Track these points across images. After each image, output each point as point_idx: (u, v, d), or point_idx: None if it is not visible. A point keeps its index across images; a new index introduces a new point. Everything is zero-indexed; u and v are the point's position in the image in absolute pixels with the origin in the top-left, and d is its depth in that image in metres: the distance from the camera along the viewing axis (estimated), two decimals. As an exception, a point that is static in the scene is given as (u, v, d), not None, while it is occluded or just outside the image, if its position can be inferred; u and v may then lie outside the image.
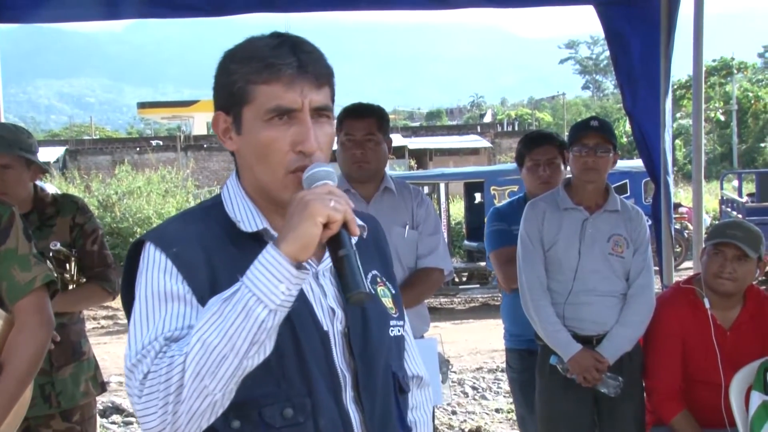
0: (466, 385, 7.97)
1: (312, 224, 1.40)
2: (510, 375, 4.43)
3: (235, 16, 4.29)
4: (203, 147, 35.37)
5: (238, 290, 1.39)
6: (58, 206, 3.52)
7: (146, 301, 1.49)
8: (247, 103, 1.57)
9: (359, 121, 3.52)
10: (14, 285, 2.43)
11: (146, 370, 1.39)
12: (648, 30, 4.23)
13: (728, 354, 3.47)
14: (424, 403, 1.90)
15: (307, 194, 1.45)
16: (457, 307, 13.95)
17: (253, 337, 1.38)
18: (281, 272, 1.39)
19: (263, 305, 1.38)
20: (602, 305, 3.59)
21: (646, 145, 4.35)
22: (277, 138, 1.54)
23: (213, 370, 1.36)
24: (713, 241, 3.50)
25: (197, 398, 1.37)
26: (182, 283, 1.50)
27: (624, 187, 14.70)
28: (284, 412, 1.53)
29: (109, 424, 6.95)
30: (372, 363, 1.66)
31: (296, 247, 1.41)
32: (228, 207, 1.64)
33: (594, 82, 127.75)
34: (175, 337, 1.44)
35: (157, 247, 1.53)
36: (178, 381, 1.36)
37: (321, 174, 1.51)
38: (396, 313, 1.76)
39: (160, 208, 18.93)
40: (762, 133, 48.69)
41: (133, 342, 1.45)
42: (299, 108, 1.55)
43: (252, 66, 1.55)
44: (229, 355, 1.37)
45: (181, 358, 1.36)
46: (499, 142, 39.68)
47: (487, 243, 4.36)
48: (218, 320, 1.37)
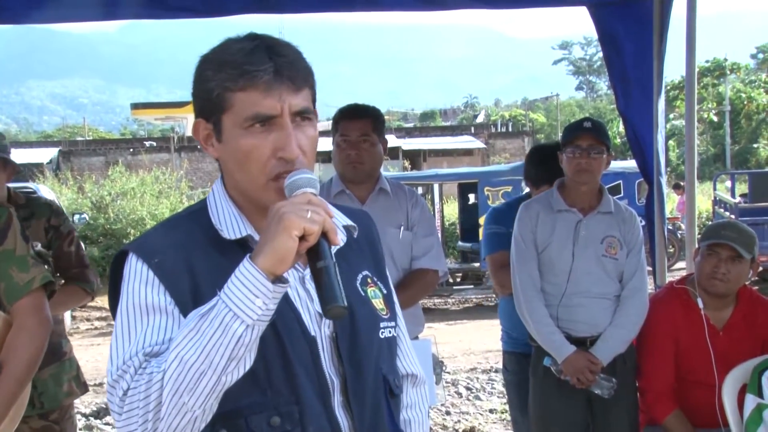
0: (460, 385, 7.98)
1: (287, 237, 1.37)
2: (506, 377, 4.41)
3: (229, 17, 4.29)
4: (197, 148, 35.27)
5: (215, 305, 1.37)
6: (32, 208, 3.50)
7: (127, 315, 1.47)
8: (225, 110, 1.53)
9: (354, 122, 3.52)
10: (13, 286, 2.44)
11: (126, 386, 1.39)
12: (641, 31, 4.24)
13: (721, 354, 3.48)
14: (419, 402, 1.87)
15: (282, 206, 1.41)
16: (451, 308, 13.96)
17: (231, 353, 1.36)
18: (257, 287, 1.37)
19: (240, 321, 1.36)
20: (596, 307, 3.60)
21: (640, 146, 4.36)
22: (257, 145, 1.51)
23: (191, 387, 1.35)
24: (707, 242, 3.51)
25: (176, 415, 1.36)
26: (164, 294, 1.48)
27: (617, 188, 14.74)
28: (271, 421, 1.51)
29: (102, 425, 6.94)
30: (361, 367, 1.64)
31: (272, 261, 1.38)
32: (212, 213, 1.62)
33: (587, 82, 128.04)
34: (155, 353, 1.42)
35: (138, 257, 1.51)
36: (156, 398, 1.35)
37: (302, 181, 1.48)
38: (387, 314, 1.73)
39: (154, 209, 18.89)
40: (755, 134, 48.83)
41: (115, 357, 1.44)
42: (278, 114, 1.51)
43: (227, 73, 1.52)
44: (207, 371, 1.35)
45: (159, 375, 1.35)
46: (492, 142, 39.70)
47: (483, 245, 4.35)
48: (195, 336, 1.36)
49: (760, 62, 70.17)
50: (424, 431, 1.86)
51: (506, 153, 37.97)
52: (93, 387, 8.38)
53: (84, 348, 10.68)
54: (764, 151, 48.06)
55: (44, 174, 25.45)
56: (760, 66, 67.91)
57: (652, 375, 3.62)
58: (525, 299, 3.64)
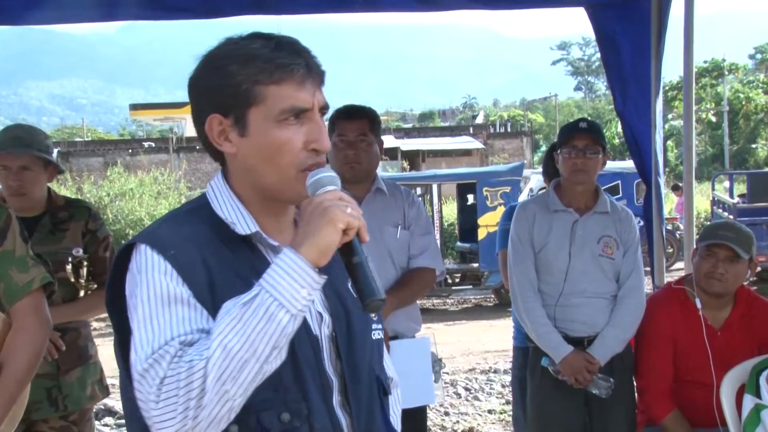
0: (459, 386, 7.98)
1: (332, 230, 1.42)
2: (514, 373, 4.45)
3: (227, 18, 4.29)
4: (195, 149, 35.28)
5: (258, 295, 1.39)
6: (71, 211, 3.52)
7: (149, 304, 1.45)
8: (253, 104, 1.55)
9: (352, 123, 3.53)
10: (12, 286, 2.44)
11: (162, 374, 1.37)
12: (639, 31, 4.24)
13: (719, 354, 3.49)
14: (394, 405, 1.91)
15: (324, 200, 1.45)
16: (449, 308, 13.98)
17: (275, 341, 1.38)
18: (303, 278, 1.40)
19: (285, 310, 1.38)
20: (593, 307, 3.61)
21: (638, 147, 4.36)
22: (291, 138, 1.55)
23: (234, 375, 1.35)
24: (705, 242, 3.52)
25: (217, 403, 1.36)
26: (182, 285, 1.47)
27: (616, 188, 14.77)
28: (282, 417, 1.52)
29: (101, 426, 6.93)
30: (358, 367, 1.66)
31: (317, 252, 1.42)
32: (216, 208, 1.62)
33: (586, 83, 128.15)
34: (188, 342, 1.41)
35: (153, 249, 1.50)
36: (199, 386, 1.34)
37: (326, 179, 1.52)
38: (375, 317, 1.77)
39: (153, 210, 18.91)
40: (753, 134, 48.87)
41: (140, 346, 1.42)
42: (311, 107, 1.56)
43: (258, 66, 1.54)
44: (251, 359, 1.36)
45: (202, 363, 1.34)
46: (491, 143, 39.72)
47: (498, 241, 4.39)
48: (239, 325, 1.36)
49: (759, 62, 70.31)
50: None
51: (505, 153, 38.00)
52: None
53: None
54: (762, 151, 48.13)
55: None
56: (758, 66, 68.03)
57: (651, 375, 3.63)
58: (522, 299, 3.65)
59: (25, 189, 3.36)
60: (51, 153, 3.45)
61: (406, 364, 3.32)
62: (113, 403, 7.18)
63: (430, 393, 3.65)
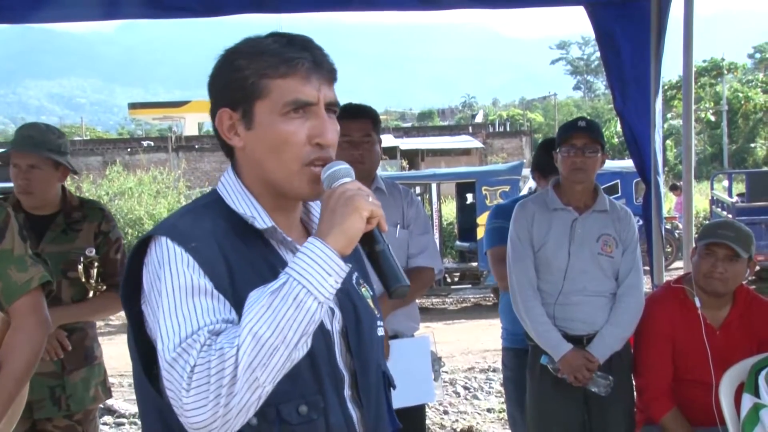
0: (458, 384, 7.99)
1: (358, 218, 1.46)
2: (505, 374, 4.43)
3: (226, 17, 4.29)
4: (194, 148, 35.30)
5: (286, 283, 1.41)
6: (85, 211, 3.53)
7: (173, 295, 1.47)
8: (260, 97, 1.57)
9: (356, 122, 3.52)
10: (11, 285, 2.44)
11: (193, 363, 1.38)
12: (638, 31, 4.24)
13: (718, 353, 3.49)
14: None
15: (347, 189, 1.48)
16: (448, 308, 13.98)
17: (304, 328, 1.41)
18: (331, 266, 1.43)
19: (313, 298, 1.41)
20: (592, 305, 3.61)
21: (637, 146, 4.36)
22: (295, 131, 1.56)
23: (265, 362, 1.37)
24: (705, 241, 3.52)
25: (248, 390, 1.37)
26: (205, 277, 1.49)
27: (615, 188, 14.77)
28: (300, 409, 1.55)
29: (100, 425, 6.93)
30: (367, 362, 1.68)
31: (343, 241, 1.45)
32: (231, 203, 1.63)
33: (585, 82, 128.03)
34: (216, 331, 1.43)
35: (174, 241, 1.51)
36: (231, 373, 1.36)
37: (342, 171, 1.55)
38: (377, 314, 1.79)
39: (152, 209, 18.91)
40: (752, 133, 48.88)
41: (167, 336, 1.43)
42: (316, 102, 1.58)
43: (265, 60, 1.57)
44: (281, 346, 1.38)
45: (233, 350, 1.36)
46: (490, 142, 39.71)
47: (486, 240, 4.36)
48: (268, 312, 1.38)
49: (757, 62, 70.33)
50: None
51: (504, 153, 37.99)
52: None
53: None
54: (761, 150, 48.15)
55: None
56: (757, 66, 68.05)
57: (650, 374, 3.63)
58: (522, 298, 3.65)
59: (32, 188, 3.38)
60: (64, 153, 3.45)
61: (406, 363, 3.33)
62: (111, 401, 7.18)
63: (429, 391, 3.66)
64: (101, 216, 3.55)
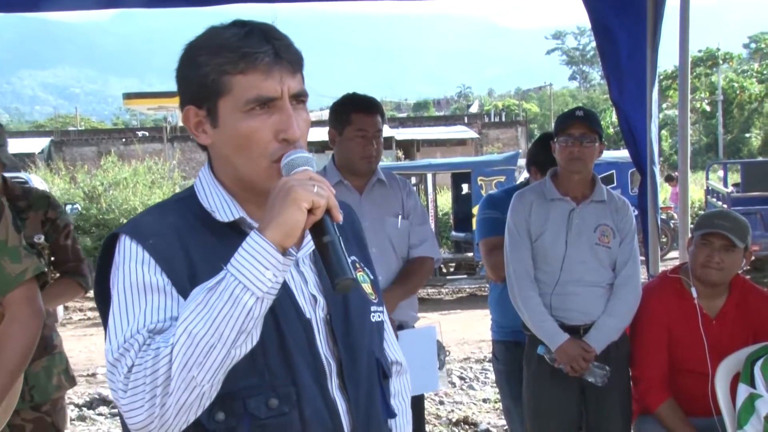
0: (454, 375, 8.00)
1: (296, 209, 1.39)
2: (496, 367, 4.43)
3: (222, 6, 4.27)
4: (189, 138, 34.73)
5: (223, 279, 1.38)
6: (30, 200, 3.47)
7: (125, 294, 1.46)
8: (222, 95, 1.53)
9: (371, 117, 3.49)
10: (5, 277, 2.42)
11: (130, 363, 1.37)
12: (634, 21, 4.23)
13: (714, 343, 3.49)
14: (403, 391, 1.89)
15: (289, 180, 1.43)
16: (444, 298, 13.99)
17: (240, 325, 1.36)
18: (267, 259, 1.38)
19: (250, 293, 1.36)
20: (589, 295, 3.61)
21: (633, 136, 4.36)
22: (259, 128, 1.52)
23: (201, 361, 1.34)
24: (701, 231, 3.52)
25: (185, 390, 1.35)
26: (161, 274, 1.47)
27: (611, 178, 14.77)
28: (269, 403, 1.52)
29: (96, 415, 6.94)
30: (355, 349, 1.65)
31: (281, 234, 1.39)
32: (202, 198, 1.62)
33: (581, 72, 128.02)
34: (158, 330, 1.41)
35: (132, 239, 1.50)
36: (165, 373, 1.34)
37: (300, 160, 1.49)
38: (375, 299, 1.76)
39: (147, 200, 18.85)
40: (747, 123, 48.96)
41: (114, 336, 1.42)
42: (279, 96, 1.53)
43: (224, 56, 1.52)
44: (217, 344, 1.35)
45: (167, 350, 1.34)
46: (486, 132, 39.70)
47: (477, 230, 4.35)
48: (204, 310, 1.35)
49: (753, 52, 70.28)
50: (408, 420, 1.88)
51: (499, 143, 38.00)
52: (86, 377, 8.38)
53: (77, 338, 10.67)
54: (756, 140, 48.22)
55: (36, 164, 25.38)
56: (752, 56, 68.04)
57: (646, 364, 3.64)
58: (519, 288, 3.65)
59: None
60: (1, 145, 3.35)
61: (413, 353, 3.34)
62: (107, 392, 7.19)
63: (434, 380, 3.70)
64: (47, 203, 3.50)
